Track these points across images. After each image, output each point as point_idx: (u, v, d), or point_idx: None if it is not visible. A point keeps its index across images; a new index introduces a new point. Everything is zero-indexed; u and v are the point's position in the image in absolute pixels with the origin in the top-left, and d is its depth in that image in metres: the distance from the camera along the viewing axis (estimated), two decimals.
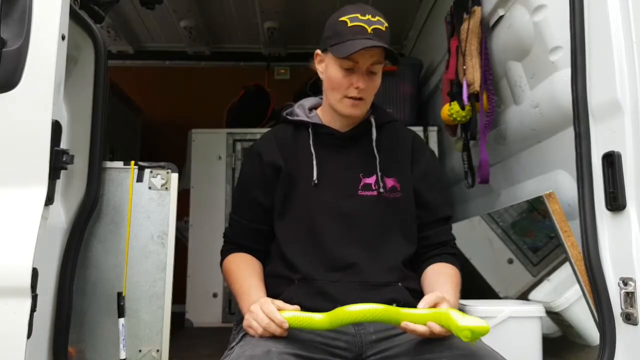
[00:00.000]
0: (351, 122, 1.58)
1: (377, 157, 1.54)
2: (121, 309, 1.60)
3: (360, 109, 1.52)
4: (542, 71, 1.89)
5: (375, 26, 1.44)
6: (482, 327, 1.12)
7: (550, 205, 1.69)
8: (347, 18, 1.46)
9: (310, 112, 1.63)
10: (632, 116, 1.30)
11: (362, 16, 1.45)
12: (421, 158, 1.60)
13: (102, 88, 1.62)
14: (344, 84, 1.48)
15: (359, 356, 1.32)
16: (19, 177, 1.26)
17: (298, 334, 1.28)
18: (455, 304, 1.37)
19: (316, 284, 1.42)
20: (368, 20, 1.44)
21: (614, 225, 1.33)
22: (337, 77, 1.48)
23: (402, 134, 1.64)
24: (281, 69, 4.26)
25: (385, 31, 1.46)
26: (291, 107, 1.67)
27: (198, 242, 3.12)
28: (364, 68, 1.46)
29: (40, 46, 1.29)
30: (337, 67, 1.48)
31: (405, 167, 1.57)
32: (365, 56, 1.44)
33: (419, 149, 1.62)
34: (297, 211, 1.51)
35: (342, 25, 1.46)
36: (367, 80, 1.47)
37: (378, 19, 1.46)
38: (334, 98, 1.52)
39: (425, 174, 1.58)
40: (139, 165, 1.69)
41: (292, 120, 1.61)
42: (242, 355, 1.18)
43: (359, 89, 1.46)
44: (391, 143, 1.59)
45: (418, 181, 1.57)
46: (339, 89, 1.49)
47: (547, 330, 1.78)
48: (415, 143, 1.62)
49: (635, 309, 1.27)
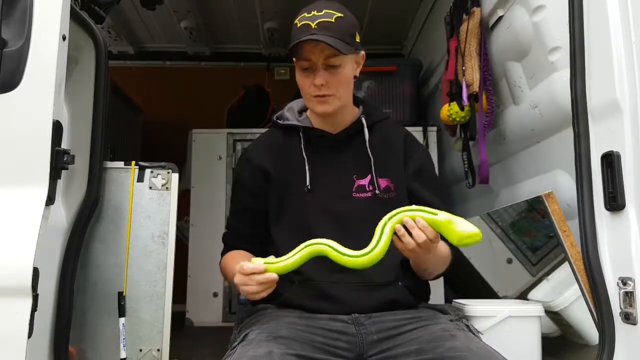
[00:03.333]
0: (341, 123, 1.58)
1: (371, 158, 1.54)
2: (122, 308, 1.60)
3: (330, 105, 1.50)
4: (542, 71, 1.89)
5: (320, 20, 1.44)
6: (476, 234, 1.22)
7: (550, 205, 1.69)
8: (297, 20, 1.49)
9: (300, 115, 1.63)
10: (631, 116, 1.31)
11: (308, 14, 1.46)
12: (414, 156, 1.59)
13: (103, 88, 1.62)
14: (306, 84, 1.49)
15: (361, 356, 1.32)
16: (20, 177, 1.26)
17: (299, 335, 1.28)
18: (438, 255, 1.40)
19: (317, 285, 1.42)
20: (312, 16, 1.45)
21: (613, 225, 1.33)
22: (299, 79, 1.51)
23: (394, 133, 1.63)
24: (281, 69, 4.26)
25: (335, 22, 1.45)
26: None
27: (198, 241, 3.12)
28: (319, 64, 1.46)
29: (41, 47, 1.29)
30: (298, 69, 1.51)
31: (399, 167, 1.57)
32: (314, 52, 1.44)
33: (411, 147, 1.61)
34: (292, 216, 1.51)
35: (294, 29, 1.48)
36: (326, 76, 1.46)
37: (325, 12, 1.46)
38: (305, 99, 1.54)
39: (419, 172, 1.58)
40: (139, 166, 1.69)
41: (282, 125, 1.61)
42: (244, 355, 1.18)
43: (317, 85, 1.46)
44: (383, 143, 1.59)
45: (412, 180, 1.56)
46: (303, 90, 1.51)
47: (546, 329, 1.79)
48: (407, 141, 1.62)
49: (635, 309, 1.27)
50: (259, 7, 3.55)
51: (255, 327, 1.33)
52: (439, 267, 1.49)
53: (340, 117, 1.57)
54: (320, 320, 1.36)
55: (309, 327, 1.33)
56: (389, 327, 1.35)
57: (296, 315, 1.38)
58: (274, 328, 1.30)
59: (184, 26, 3.82)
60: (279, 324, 1.33)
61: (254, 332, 1.30)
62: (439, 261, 1.45)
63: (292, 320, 1.35)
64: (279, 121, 1.62)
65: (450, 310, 1.48)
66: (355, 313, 1.39)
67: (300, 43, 1.43)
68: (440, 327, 1.32)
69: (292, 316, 1.38)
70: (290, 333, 1.28)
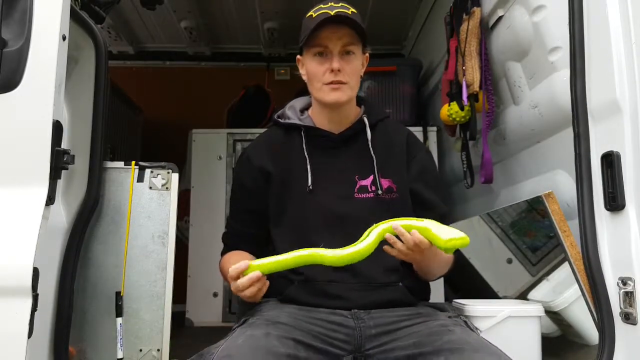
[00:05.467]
0: (343, 123, 1.57)
1: (374, 158, 1.53)
2: (119, 308, 1.60)
3: (344, 93, 1.49)
4: (542, 71, 1.89)
5: (338, 10, 1.46)
6: (463, 238, 1.22)
7: (550, 205, 1.69)
8: (312, 12, 1.50)
9: (302, 113, 1.62)
10: (631, 116, 1.31)
11: (324, 5, 1.49)
12: (416, 156, 1.60)
13: (103, 88, 1.62)
14: (320, 70, 1.49)
15: (358, 349, 1.33)
16: (20, 177, 1.26)
17: (298, 324, 1.30)
18: (440, 257, 1.40)
19: (316, 285, 1.43)
20: (330, 6, 1.47)
21: (613, 225, 1.33)
22: (312, 67, 1.50)
23: (395, 133, 1.63)
24: (281, 69, 4.26)
25: (352, 15, 1.47)
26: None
27: (198, 241, 3.12)
28: (336, 51, 1.47)
29: (41, 47, 1.29)
30: (311, 56, 1.50)
31: (401, 167, 1.57)
32: (332, 39, 1.46)
33: (414, 148, 1.62)
34: (293, 216, 1.51)
35: (309, 20, 1.50)
36: (342, 62, 1.47)
37: (342, 4, 1.49)
38: (316, 89, 1.52)
39: (421, 173, 1.58)
40: (139, 166, 1.69)
41: (283, 124, 1.61)
42: (242, 334, 1.20)
43: (334, 71, 1.46)
44: (385, 142, 1.58)
45: (415, 180, 1.56)
46: (316, 78, 1.50)
47: (546, 329, 1.79)
48: (409, 142, 1.62)
49: (635, 309, 1.27)
50: (259, 7, 3.55)
51: (255, 315, 1.36)
52: (441, 269, 1.51)
53: (344, 114, 1.57)
54: (320, 313, 1.38)
55: (309, 317, 1.35)
56: (387, 322, 1.36)
57: (296, 307, 1.40)
58: (273, 316, 1.33)
59: (184, 26, 3.82)
60: (278, 312, 1.35)
61: (254, 318, 1.33)
62: (440, 263, 1.46)
63: (292, 311, 1.37)
64: (280, 120, 1.62)
65: (449, 308, 1.49)
66: (355, 309, 1.40)
67: (317, 29, 1.43)
68: (439, 322, 1.32)
69: (293, 308, 1.40)
70: (289, 321, 1.30)
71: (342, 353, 1.31)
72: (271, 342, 1.16)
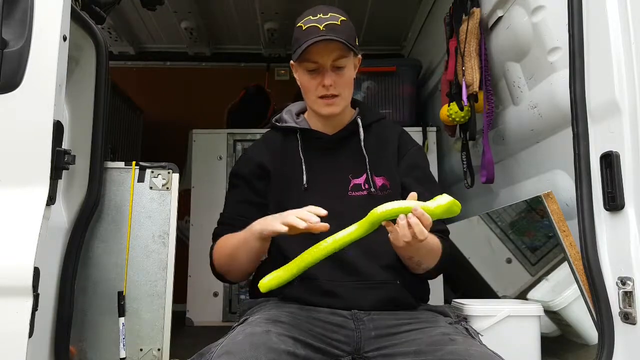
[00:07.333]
0: (338, 125, 1.60)
1: (366, 157, 1.56)
2: (121, 308, 1.61)
3: (338, 106, 1.53)
4: (541, 72, 1.89)
5: (327, 22, 1.46)
6: (452, 201, 1.22)
7: (549, 205, 1.69)
8: (301, 23, 1.50)
9: (298, 117, 1.66)
10: (630, 116, 1.31)
11: (314, 16, 1.48)
12: (407, 153, 1.62)
13: (104, 89, 1.63)
14: (312, 85, 1.51)
15: (357, 351, 1.33)
16: (20, 177, 1.27)
17: (298, 323, 1.30)
18: (428, 246, 1.38)
19: (316, 284, 1.44)
20: (319, 19, 1.47)
21: (612, 225, 1.34)
22: (305, 81, 1.53)
23: (389, 132, 1.65)
24: (281, 69, 4.27)
25: (341, 24, 1.48)
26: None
27: (199, 241, 3.12)
28: (328, 65, 1.48)
29: (42, 47, 1.29)
30: (303, 70, 1.52)
31: (393, 164, 1.59)
32: (322, 54, 1.46)
33: (406, 144, 1.63)
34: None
35: (299, 31, 1.50)
36: (334, 77, 1.48)
37: (331, 15, 1.48)
38: (310, 100, 1.55)
39: (411, 168, 1.59)
40: (140, 166, 1.70)
41: (281, 127, 1.64)
42: (242, 332, 1.20)
43: (326, 86, 1.48)
44: (379, 142, 1.61)
45: (405, 175, 1.58)
46: (309, 92, 1.53)
47: (546, 329, 1.79)
48: (401, 139, 1.64)
49: (634, 309, 1.27)
50: (259, 8, 3.56)
51: (256, 314, 1.36)
52: (429, 259, 1.46)
53: (339, 118, 1.60)
54: (320, 313, 1.39)
55: (309, 317, 1.36)
56: (387, 326, 1.36)
57: (297, 307, 1.41)
58: (274, 314, 1.33)
59: (185, 27, 3.82)
60: (279, 312, 1.36)
61: (254, 317, 1.33)
62: (429, 252, 1.43)
63: (293, 310, 1.38)
64: (278, 123, 1.66)
65: (450, 312, 1.48)
66: (354, 309, 1.40)
67: (306, 45, 1.44)
68: (440, 330, 1.31)
69: (293, 307, 1.41)
70: (289, 320, 1.30)
71: (341, 354, 1.31)
72: (271, 339, 1.17)
